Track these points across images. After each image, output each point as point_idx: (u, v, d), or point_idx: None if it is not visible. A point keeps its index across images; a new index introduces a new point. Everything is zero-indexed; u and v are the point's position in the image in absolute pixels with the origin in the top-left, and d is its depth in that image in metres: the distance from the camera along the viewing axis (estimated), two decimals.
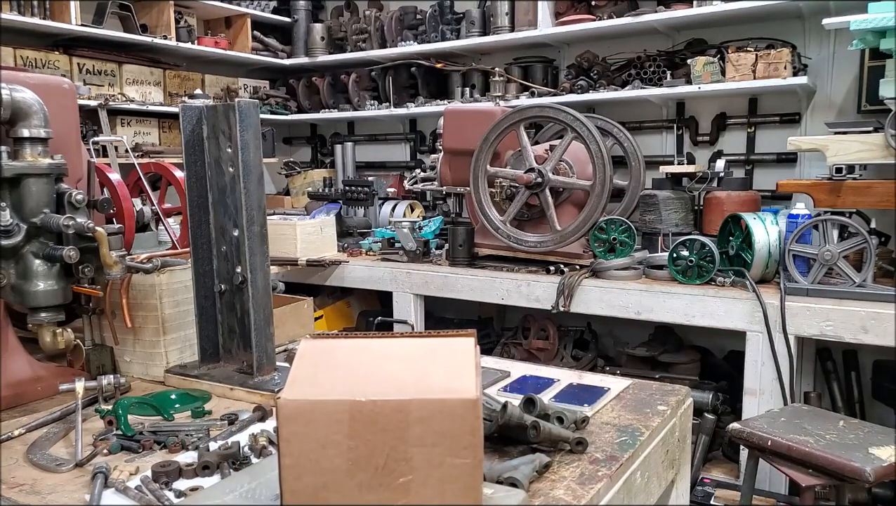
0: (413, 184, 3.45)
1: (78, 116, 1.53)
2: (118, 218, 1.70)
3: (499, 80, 3.59)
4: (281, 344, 1.55)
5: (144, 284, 1.41)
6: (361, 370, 0.78)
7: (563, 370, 1.42)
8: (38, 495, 0.96)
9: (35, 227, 1.26)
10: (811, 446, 1.85)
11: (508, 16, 3.86)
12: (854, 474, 1.75)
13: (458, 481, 0.73)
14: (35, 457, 1.06)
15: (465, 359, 0.79)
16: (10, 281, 1.27)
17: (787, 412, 2.13)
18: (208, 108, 1.38)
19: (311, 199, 4.13)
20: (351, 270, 3.33)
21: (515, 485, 0.88)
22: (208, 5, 4.31)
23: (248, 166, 1.33)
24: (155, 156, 3.81)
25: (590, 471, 0.97)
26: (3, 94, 1.23)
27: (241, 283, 1.37)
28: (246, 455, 1.05)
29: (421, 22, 4.27)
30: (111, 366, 1.44)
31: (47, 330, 1.29)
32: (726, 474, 2.73)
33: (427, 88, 4.37)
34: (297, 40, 4.77)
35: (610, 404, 1.24)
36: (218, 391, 1.35)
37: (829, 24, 2.63)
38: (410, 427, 0.72)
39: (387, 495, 0.73)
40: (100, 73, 3.82)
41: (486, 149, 2.91)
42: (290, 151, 5.29)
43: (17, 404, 1.29)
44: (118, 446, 1.09)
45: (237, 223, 1.36)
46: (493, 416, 1.00)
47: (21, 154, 1.26)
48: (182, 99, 3.81)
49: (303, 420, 0.73)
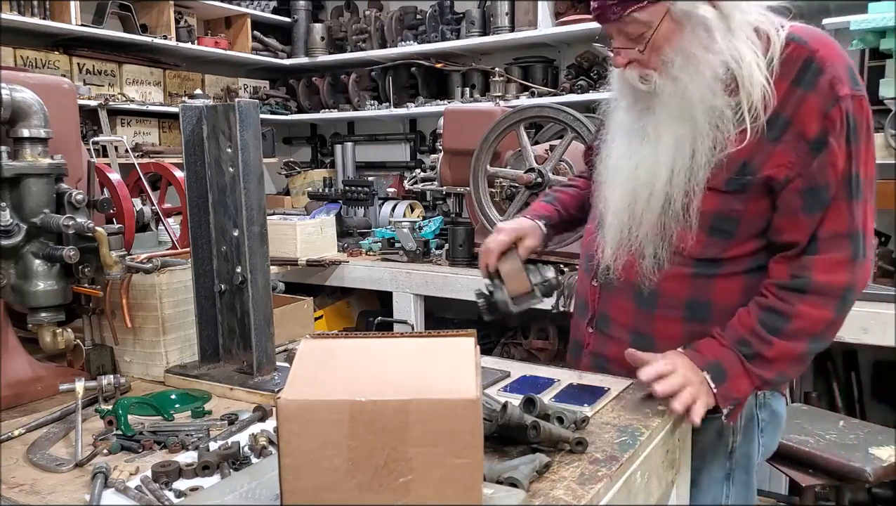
0: (413, 184, 3.45)
1: (78, 116, 1.53)
2: (118, 218, 1.70)
3: (499, 80, 3.59)
4: (281, 344, 1.55)
5: (144, 284, 1.41)
6: (361, 370, 0.78)
7: (563, 370, 1.42)
8: (38, 495, 0.96)
9: (35, 227, 1.26)
10: (811, 446, 1.85)
11: (508, 16, 3.86)
12: (854, 475, 1.75)
13: (458, 481, 0.73)
14: (35, 457, 1.06)
15: (465, 359, 0.79)
16: (10, 281, 1.27)
17: (788, 412, 2.13)
18: (208, 109, 1.38)
19: (311, 199, 4.12)
20: (351, 270, 3.33)
21: (515, 485, 0.88)
22: (208, 5, 4.31)
23: (248, 166, 1.33)
24: (155, 156, 3.81)
25: (590, 471, 0.97)
26: (3, 94, 1.23)
27: (241, 283, 1.37)
28: (246, 455, 1.05)
29: (421, 22, 4.27)
30: (111, 366, 1.44)
31: (47, 330, 1.29)
32: None
33: (427, 88, 4.37)
34: (297, 40, 4.77)
35: (610, 404, 1.24)
36: (218, 391, 1.35)
37: (829, 24, 2.63)
38: (410, 427, 0.72)
39: (387, 495, 0.74)
40: (100, 73, 3.82)
41: (486, 149, 2.91)
42: (290, 151, 5.29)
43: (17, 404, 1.29)
44: (118, 446, 1.09)
45: (237, 223, 1.36)
46: (493, 416, 1.00)
47: (21, 154, 1.26)
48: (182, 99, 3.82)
49: (303, 420, 0.73)
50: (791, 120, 1.19)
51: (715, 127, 1.22)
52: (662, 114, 1.27)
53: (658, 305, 1.35)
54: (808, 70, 1.18)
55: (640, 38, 1.23)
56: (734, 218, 1.27)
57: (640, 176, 1.30)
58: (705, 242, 1.29)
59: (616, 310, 1.42)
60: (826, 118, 1.17)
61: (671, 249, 1.30)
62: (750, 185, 1.23)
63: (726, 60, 1.20)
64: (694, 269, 1.31)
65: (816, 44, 1.20)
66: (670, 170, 1.26)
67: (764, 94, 1.18)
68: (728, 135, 1.21)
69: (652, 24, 1.21)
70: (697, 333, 1.31)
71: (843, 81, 1.18)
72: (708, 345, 1.29)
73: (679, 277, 1.32)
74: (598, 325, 1.46)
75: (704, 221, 1.27)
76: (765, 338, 1.24)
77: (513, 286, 1.46)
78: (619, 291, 1.40)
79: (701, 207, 1.25)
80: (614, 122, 1.40)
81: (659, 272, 1.32)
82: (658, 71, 1.25)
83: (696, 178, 1.24)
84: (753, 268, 1.31)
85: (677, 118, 1.25)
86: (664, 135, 1.27)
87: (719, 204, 1.26)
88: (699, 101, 1.22)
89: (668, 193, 1.27)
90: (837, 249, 1.22)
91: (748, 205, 1.25)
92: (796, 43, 1.20)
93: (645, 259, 1.32)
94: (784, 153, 1.20)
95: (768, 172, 1.21)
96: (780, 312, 1.24)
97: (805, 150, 1.19)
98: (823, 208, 1.20)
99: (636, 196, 1.31)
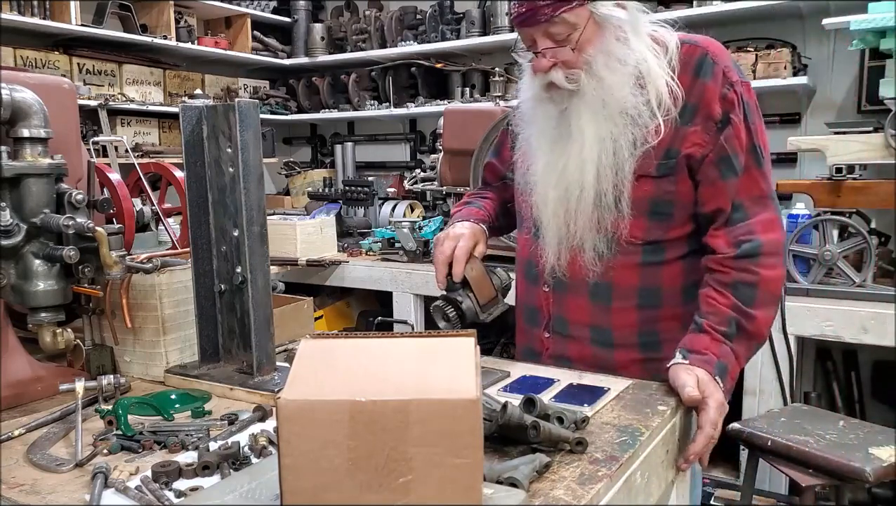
0: (413, 184, 3.45)
1: (78, 116, 1.53)
2: (118, 218, 1.70)
3: (499, 80, 3.59)
4: (281, 344, 1.55)
5: (144, 284, 1.41)
6: (361, 370, 0.78)
7: (563, 370, 1.42)
8: (38, 495, 0.96)
9: (35, 227, 1.26)
10: (811, 446, 1.85)
11: (508, 16, 3.86)
12: (854, 475, 1.75)
13: (458, 482, 0.73)
14: (35, 457, 1.06)
15: (465, 359, 0.79)
16: (10, 281, 1.27)
17: (787, 412, 2.13)
18: (208, 109, 1.38)
19: (311, 199, 4.12)
20: (351, 270, 3.33)
21: (515, 485, 0.88)
22: (208, 5, 4.31)
23: (248, 166, 1.33)
24: (155, 156, 3.81)
25: (590, 471, 0.97)
26: (3, 94, 1.23)
27: (241, 283, 1.37)
28: (246, 455, 1.04)
29: (421, 22, 4.27)
30: (111, 366, 1.43)
31: (47, 330, 1.29)
32: (726, 474, 2.73)
33: (427, 88, 4.37)
34: (297, 40, 4.77)
35: (610, 405, 1.24)
36: (218, 391, 1.35)
37: (829, 24, 2.63)
38: (410, 427, 0.72)
39: (387, 495, 0.73)
40: (100, 73, 3.82)
41: (486, 149, 2.90)
42: (290, 151, 5.29)
43: (17, 404, 1.29)
44: (118, 446, 1.09)
45: (237, 223, 1.36)
46: (493, 416, 1.00)
47: (21, 154, 1.26)
48: (182, 99, 3.82)
49: (303, 420, 0.73)
50: (698, 105, 1.34)
51: (632, 122, 1.34)
52: (585, 113, 1.36)
53: (613, 297, 1.44)
54: (704, 63, 1.35)
55: (567, 40, 1.32)
56: (669, 200, 1.39)
57: (570, 175, 1.39)
58: (646, 227, 1.39)
59: (572, 311, 1.48)
60: (725, 100, 1.34)
61: (610, 239, 1.39)
62: (675, 166, 1.36)
63: (637, 61, 1.33)
64: (641, 257, 1.41)
65: (706, 43, 1.39)
66: (596, 167, 1.36)
67: (671, 90, 1.33)
68: (646, 129, 1.34)
69: (578, 26, 1.31)
70: (650, 318, 1.43)
71: (732, 71, 1.36)
72: (703, 342, 1.32)
73: (628, 266, 1.41)
74: (556, 328, 1.51)
75: (643, 207, 1.38)
76: (745, 312, 1.33)
77: (482, 293, 1.43)
78: (571, 292, 1.46)
79: (639, 193, 1.36)
80: (534, 132, 1.47)
81: (601, 263, 1.40)
82: (583, 70, 1.34)
83: (623, 171, 1.35)
84: (691, 251, 1.43)
85: (601, 116, 1.35)
86: (587, 132, 1.36)
87: (654, 189, 1.37)
88: (621, 99, 1.33)
89: (598, 188, 1.36)
90: (765, 209, 1.37)
91: (678, 186, 1.38)
92: (689, 44, 1.38)
93: (586, 253, 1.40)
94: (696, 134, 1.35)
95: (686, 151, 1.35)
96: (747, 282, 1.34)
97: (713, 128, 1.34)
98: (737, 174, 1.35)
99: (569, 195, 1.40)
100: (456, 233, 1.48)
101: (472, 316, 1.41)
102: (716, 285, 1.35)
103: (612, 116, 1.34)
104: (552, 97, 1.39)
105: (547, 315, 1.51)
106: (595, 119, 1.35)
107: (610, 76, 1.33)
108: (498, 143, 1.76)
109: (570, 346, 1.49)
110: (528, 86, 1.46)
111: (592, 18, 1.31)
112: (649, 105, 1.33)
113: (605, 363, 1.45)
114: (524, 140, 1.51)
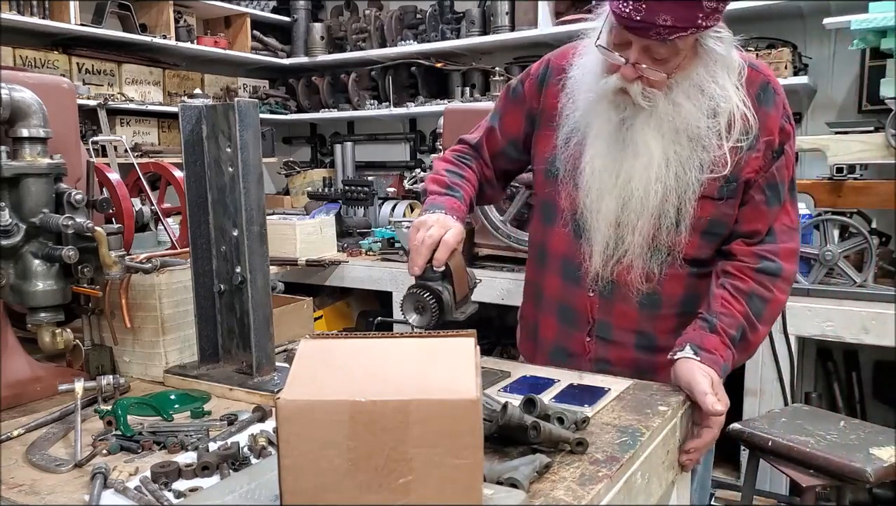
0: (413, 184, 3.45)
1: (77, 116, 1.53)
2: (117, 218, 1.70)
3: (499, 80, 3.59)
4: (281, 344, 1.55)
5: (144, 284, 1.41)
6: (361, 370, 0.78)
7: (563, 371, 1.42)
8: (38, 495, 0.96)
9: (34, 227, 1.26)
10: (812, 446, 1.85)
11: (508, 15, 3.86)
12: (855, 475, 1.75)
13: (458, 482, 0.73)
14: (34, 457, 1.06)
15: (465, 359, 0.79)
16: (10, 281, 1.27)
17: (788, 412, 2.13)
18: (208, 108, 1.38)
19: (310, 199, 4.12)
20: (351, 270, 3.33)
21: (516, 486, 0.88)
22: (208, 5, 4.31)
23: (248, 166, 1.33)
24: (154, 156, 3.81)
25: (590, 471, 0.97)
26: (3, 94, 1.22)
27: (240, 283, 1.37)
28: (245, 456, 1.04)
29: (421, 21, 4.27)
30: (110, 366, 1.43)
31: (46, 330, 1.29)
32: (726, 474, 2.73)
33: (427, 88, 4.36)
34: (297, 40, 4.77)
35: (610, 405, 1.24)
36: (217, 392, 1.34)
37: (830, 23, 2.63)
38: (410, 428, 0.72)
39: (387, 495, 0.73)
40: (99, 72, 3.82)
41: None
42: (289, 151, 5.29)
43: (17, 405, 1.29)
44: (117, 446, 1.09)
45: (237, 223, 1.36)
46: (493, 416, 1.00)
47: (20, 154, 1.26)
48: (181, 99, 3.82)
49: (302, 421, 0.73)
50: (761, 133, 1.37)
51: (702, 148, 1.35)
52: (650, 130, 1.35)
53: (661, 305, 1.46)
54: (766, 91, 1.39)
55: (665, 62, 1.30)
56: (725, 222, 1.42)
57: (634, 189, 1.38)
58: (699, 245, 1.43)
59: (618, 317, 1.48)
60: (783, 131, 1.40)
61: (665, 255, 1.41)
62: (736, 189, 1.39)
63: (719, 96, 1.33)
64: (689, 268, 1.45)
65: (766, 70, 1.43)
66: (664, 187, 1.36)
67: (746, 119, 1.34)
68: (714, 155, 1.35)
69: (681, 52, 1.30)
70: (686, 322, 1.43)
71: (787, 104, 1.43)
72: (714, 342, 1.34)
73: (677, 277, 1.44)
74: (600, 333, 1.50)
75: (700, 226, 1.40)
76: (753, 323, 1.38)
77: (459, 288, 1.32)
78: (619, 300, 1.47)
79: (699, 215, 1.38)
80: (589, 131, 1.42)
81: (654, 277, 1.42)
82: (664, 93, 1.33)
83: (687, 193, 1.36)
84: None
85: (668, 137, 1.35)
86: (655, 150, 1.35)
87: (714, 211, 1.40)
88: (692, 125, 1.34)
89: (661, 207, 1.37)
90: (791, 239, 1.43)
91: (735, 208, 1.42)
92: (751, 68, 1.39)
93: (638, 266, 1.42)
94: (757, 160, 1.38)
95: (746, 176, 1.39)
96: (762, 297, 1.39)
97: (770, 156, 1.39)
98: (781, 203, 1.41)
99: (628, 208, 1.40)
100: (443, 220, 1.35)
101: (448, 310, 1.28)
102: (732, 290, 1.38)
103: (679, 140, 1.35)
104: (617, 102, 1.36)
105: (590, 320, 1.50)
106: (660, 138, 1.35)
107: (686, 102, 1.33)
108: (503, 106, 1.63)
109: (613, 349, 1.49)
110: (594, 71, 1.40)
111: (696, 46, 1.32)
112: (719, 133, 1.34)
113: (647, 366, 1.46)
114: (573, 126, 1.44)
